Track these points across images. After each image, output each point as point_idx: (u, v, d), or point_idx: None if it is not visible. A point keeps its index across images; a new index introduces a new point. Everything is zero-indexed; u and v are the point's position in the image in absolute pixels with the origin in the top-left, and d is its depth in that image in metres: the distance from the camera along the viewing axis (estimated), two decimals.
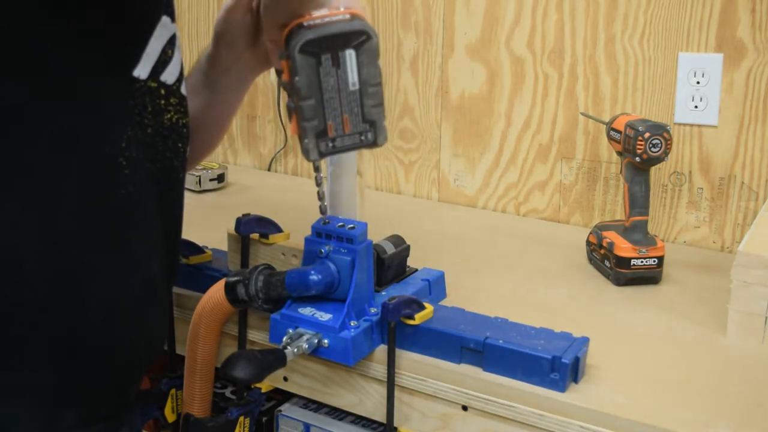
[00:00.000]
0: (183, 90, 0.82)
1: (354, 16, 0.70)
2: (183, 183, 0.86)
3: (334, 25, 0.69)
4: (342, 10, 0.71)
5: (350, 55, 0.69)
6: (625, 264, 1.12)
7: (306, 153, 0.72)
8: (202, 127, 0.95)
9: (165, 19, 0.77)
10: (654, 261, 1.12)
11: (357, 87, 0.71)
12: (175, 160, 0.82)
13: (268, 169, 1.79)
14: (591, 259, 1.21)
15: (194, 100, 0.88)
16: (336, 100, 0.70)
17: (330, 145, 0.72)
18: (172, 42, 0.78)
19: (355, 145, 0.73)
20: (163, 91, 0.78)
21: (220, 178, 1.61)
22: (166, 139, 0.80)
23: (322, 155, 0.72)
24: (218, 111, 1.01)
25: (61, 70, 0.68)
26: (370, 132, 0.73)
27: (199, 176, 1.58)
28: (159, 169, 0.79)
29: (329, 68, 0.69)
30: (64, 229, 0.70)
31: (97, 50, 0.71)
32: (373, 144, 0.74)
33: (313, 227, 0.92)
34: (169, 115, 0.79)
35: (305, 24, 0.69)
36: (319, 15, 0.70)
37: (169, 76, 0.78)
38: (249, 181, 1.68)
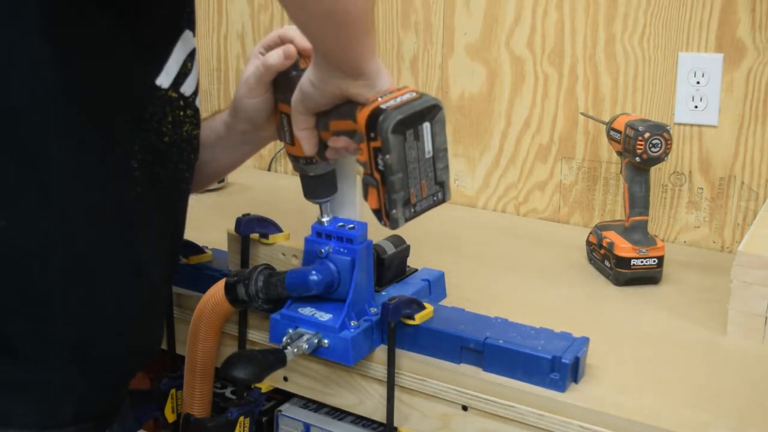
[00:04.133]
0: (197, 103, 0.83)
1: (418, 93, 0.77)
2: (189, 192, 0.87)
3: (412, 103, 0.75)
4: (402, 89, 0.77)
5: (427, 127, 0.76)
6: (625, 264, 1.12)
7: (394, 222, 0.77)
8: (205, 172, 0.98)
9: (187, 33, 0.79)
10: (654, 261, 1.12)
11: (431, 154, 0.77)
12: (186, 172, 0.83)
13: (268, 169, 1.79)
14: (591, 259, 1.21)
15: (203, 153, 0.90)
16: (417, 169, 0.76)
17: (412, 210, 0.78)
18: (192, 56, 0.80)
19: (429, 206, 0.79)
20: (182, 103, 0.79)
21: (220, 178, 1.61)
22: (182, 151, 0.81)
23: (407, 220, 0.78)
24: (226, 164, 1.05)
25: (84, 71, 0.70)
26: (440, 192, 0.79)
27: None
28: (170, 176, 0.80)
29: (412, 142, 0.75)
30: (76, 227, 0.71)
31: (121, 55, 0.72)
32: (442, 201, 0.80)
33: (313, 227, 0.92)
34: (186, 127, 0.81)
35: (383, 107, 0.74)
36: (388, 97, 0.75)
37: (188, 88, 0.80)
38: (249, 181, 1.68)
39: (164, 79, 0.76)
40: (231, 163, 1.05)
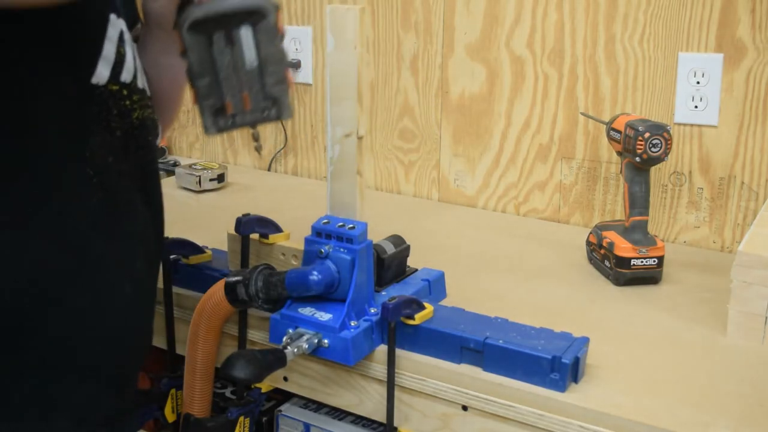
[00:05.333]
0: (140, 83, 0.81)
1: None
2: (158, 170, 0.86)
3: (226, 0, 0.64)
4: None
5: (246, 33, 0.65)
6: (625, 264, 1.12)
7: (204, 129, 0.69)
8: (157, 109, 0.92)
9: (112, 17, 0.76)
10: (654, 261, 1.12)
11: (256, 65, 0.66)
12: (148, 154, 0.82)
13: (268, 169, 1.79)
14: (591, 259, 1.21)
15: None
16: (233, 78, 0.66)
17: (230, 121, 0.68)
18: (122, 39, 0.77)
19: (258, 120, 0.70)
20: (125, 92, 0.77)
21: (220, 178, 1.61)
22: (137, 137, 0.79)
23: (221, 130, 0.69)
24: (165, 88, 0.95)
25: (17, 91, 0.67)
26: (273, 109, 0.69)
27: (199, 176, 1.57)
28: (134, 166, 0.79)
29: (222, 47, 0.65)
30: (39, 250, 0.69)
31: (51, 65, 0.69)
32: (277, 118, 0.70)
33: (313, 227, 0.92)
34: (135, 114, 0.79)
35: None
36: None
37: (126, 74, 0.77)
38: (249, 181, 1.68)
39: (100, 76, 0.74)
40: (170, 81, 0.95)
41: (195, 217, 1.36)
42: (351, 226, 0.90)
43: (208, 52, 0.65)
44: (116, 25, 0.76)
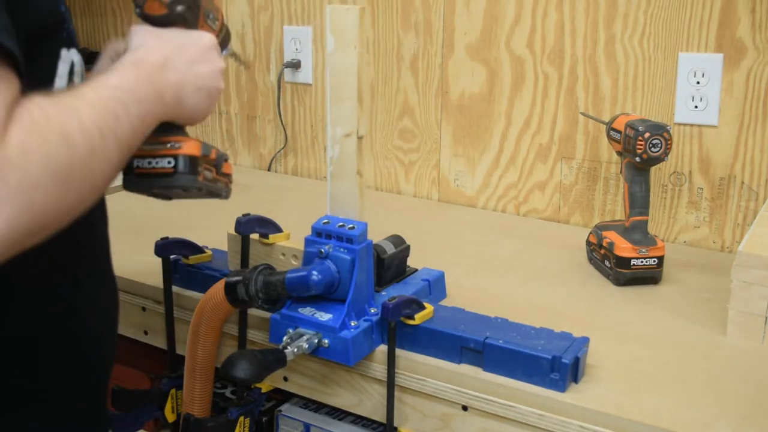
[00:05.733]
0: None
1: (178, 167, 0.73)
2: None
3: (155, 179, 0.73)
4: (175, 147, 0.73)
5: (176, 193, 0.75)
6: (625, 264, 1.12)
7: None
8: None
9: (62, 52, 0.73)
10: (654, 261, 1.12)
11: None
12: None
13: (268, 169, 1.79)
14: (591, 259, 1.21)
15: None
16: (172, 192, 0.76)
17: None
18: (72, 71, 0.75)
19: (200, 198, 0.81)
20: None
21: None
22: None
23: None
24: None
25: None
26: (211, 197, 0.81)
27: None
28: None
29: (158, 194, 0.76)
30: (10, 296, 0.70)
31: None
32: (218, 198, 0.82)
33: (313, 227, 0.92)
34: None
35: (134, 164, 0.73)
36: (148, 150, 0.72)
37: None
38: (249, 181, 1.68)
39: None
40: None
41: (195, 217, 1.36)
42: (351, 226, 0.90)
43: (147, 192, 0.76)
44: (66, 58, 0.74)
